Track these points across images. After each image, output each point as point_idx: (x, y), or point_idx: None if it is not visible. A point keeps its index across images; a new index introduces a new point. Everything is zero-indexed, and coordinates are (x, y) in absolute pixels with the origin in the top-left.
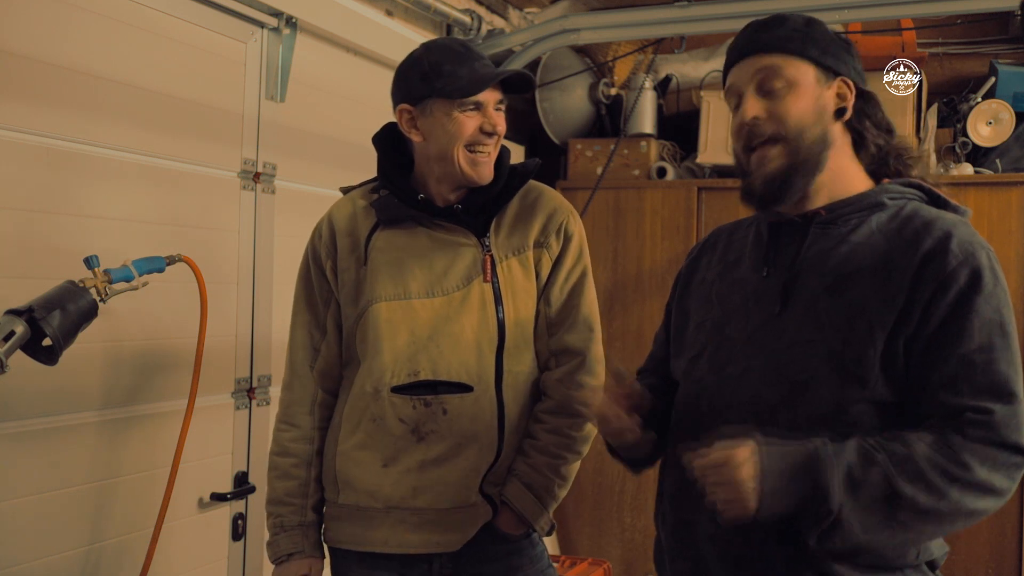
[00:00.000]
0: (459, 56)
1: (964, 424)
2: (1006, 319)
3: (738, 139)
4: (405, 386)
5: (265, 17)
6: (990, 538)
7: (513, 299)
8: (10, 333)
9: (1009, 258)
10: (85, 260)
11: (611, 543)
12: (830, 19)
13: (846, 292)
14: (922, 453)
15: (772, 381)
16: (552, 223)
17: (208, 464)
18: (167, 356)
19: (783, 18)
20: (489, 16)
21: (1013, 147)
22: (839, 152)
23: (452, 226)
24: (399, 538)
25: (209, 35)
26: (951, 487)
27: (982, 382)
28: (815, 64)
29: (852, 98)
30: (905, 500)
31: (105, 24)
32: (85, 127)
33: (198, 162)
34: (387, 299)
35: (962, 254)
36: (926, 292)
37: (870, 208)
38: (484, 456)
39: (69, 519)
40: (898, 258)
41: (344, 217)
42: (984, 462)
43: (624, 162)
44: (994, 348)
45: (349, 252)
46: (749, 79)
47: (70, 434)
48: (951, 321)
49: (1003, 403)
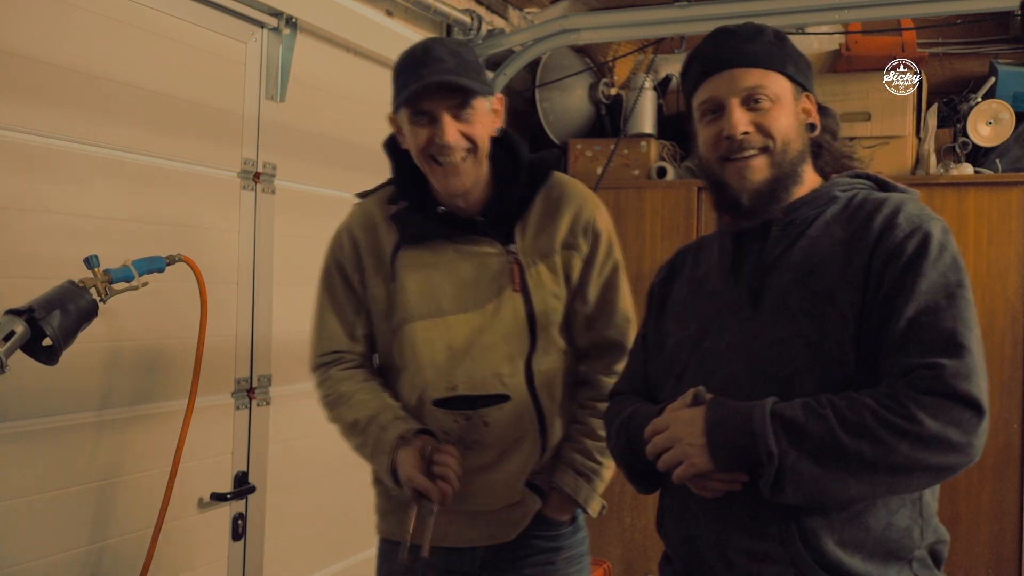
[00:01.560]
0: (413, 63)
1: (914, 379)
2: (952, 282)
3: (716, 150)
4: (445, 400)
5: (265, 17)
6: (990, 538)
7: (544, 304)
8: (10, 333)
9: (1009, 258)
10: (85, 260)
11: (611, 543)
12: (830, 19)
13: (813, 283)
14: (868, 407)
15: (759, 381)
16: (579, 223)
17: (208, 464)
18: (167, 356)
19: (758, 30)
20: (489, 16)
21: (1013, 147)
22: (808, 164)
23: (476, 237)
24: (456, 534)
25: (209, 35)
26: (900, 441)
27: (929, 340)
28: (791, 80)
29: (815, 113)
30: (850, 453)
31: (105, 24)
32: (85, 127)
33: (198, 162)
34: (421, 318)
35: (909, 225)
36: (880, 264)
37: (824, 203)
38: (529, 457)
39: (69, 519)
40: (855, 242)
41: (365, 230)
42: (936, 415)
43: (624, 162)
44: (939, 308)
45: (376, 269)
46: (735, 92)
47: (70, 434)
48: (900, 286)
49: (952, 357)
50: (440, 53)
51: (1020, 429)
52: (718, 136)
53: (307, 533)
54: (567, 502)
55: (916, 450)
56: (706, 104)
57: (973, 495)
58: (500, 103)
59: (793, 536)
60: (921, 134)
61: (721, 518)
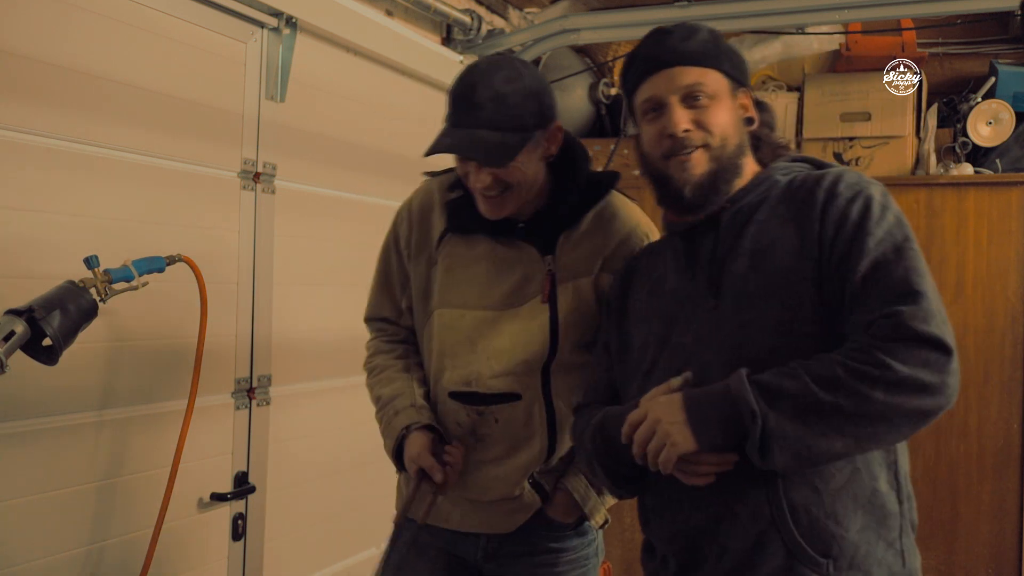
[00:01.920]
0: (456, 100)
1: (875, 329)
2: (898, 237)
3: (659, 147)
4: (460, 394)
5: (265, 17)
6: (990, 538)
7: (568, 320)
8: (10, 333)
9: (1009, 258)
10: (85, 260)
11: (611, 543)
12: (830, 19)
13: (768, 264)
14: (837, 361)
15: (732, 367)
16: (626, 247)
17: (208, 464)
18: (167, 356)
19: (694, 29)
20: (489, 16)
21: (1013, 147)
22: (748, 156)
23: (518, 242)
24: (458, 517)
25: (209, 35)
26: (874, 389)
27: (884, 291)
28: (728, 77)
29: (752, 107)
30: (828, 406)
31: (105, 24)
32: (85, 127)
33: (198, 162)
34: (447, 306)
35: (850, 191)
36: (830, 233)
37: (767, 188)
38: (536, 457)
39: (69, 519)
40: (802, 218)
41: (423, 210)
42: (905, 360)
43: (624, 162)
44: (889, 261)
45: (423, 249)
46: (674, 90)
47: (70, 434)
48: (850, 249)
49: (908, 303)
50: (481, 98)
51: (1020, 429)
52: (660, 134)
53: (307, 533)
54: (572, 507)
55: (891, 395)
56: (648, 103)
57: (973, 495)
58: (557, 131)
59: (785, 516)
60: (921, 134)
61: (710, 507)
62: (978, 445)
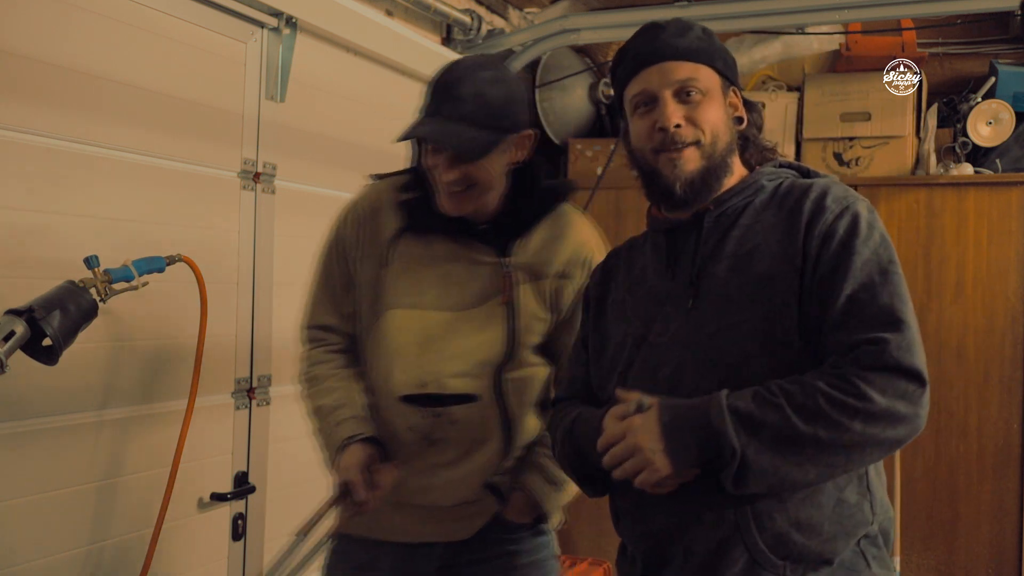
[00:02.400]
0: (436, 90)
1: (859, 355)
2: (883, 259)
3: (650, 141)
4: (413, 396)
5: (265, 17)
6: (990, 538)
7: (525, 322)
8: (10, 333)
9: (1009, 258)
10: (85, 260)
11: (611, 543)
12: (830, 19)
13: (750, 269)
14: (819, 391)
15: (706, 371)
16: (577, 257)
17: (208, 464)
18: (167, 356)
19: (687, 25)
20: (489, 16)
21: (1013, 147)
22: (736, 155)
23: (476, 242)
24: (411, 528)
25: (209, 35)
26: (853, 421)
27: (869, 316)
28: (719, 74)
29: (742, 107)
30: (807, 438)
31: (105, 24)
32: (85, 127)
33: (198, 162)
34: (402, 307)
35: (838, 207)
36: (815, 246)
37: (753, 192)
38: (492, 459)
39: (69, 519)
40: (788, 226)
41: (372, 211)
42: (884, 390)
43: (624, 162)
44: (875, 285)
45: (371, 251)
46: (667, 84)
47: (70, 434)
48: (835, 266)
49: (893, 331)
50: (464, 91)
51: (1020, 429)
52: (651, 128)
53: None
54: (529, 506)
55: (868, 426)
56: (639, 96)
57: (973, 495)
58: (529, 139)
59: (748, 522)
60: (921, 134)
61: (677, 512)
62: (978, 445)
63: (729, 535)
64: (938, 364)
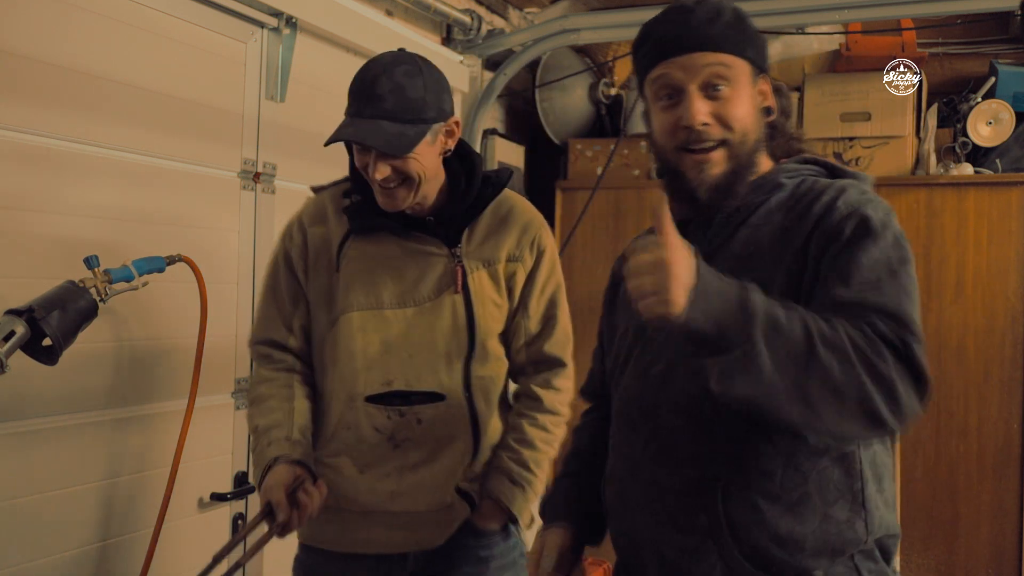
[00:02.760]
0: (356, 93)
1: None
2: (894, 259)
3: (674, 139)
4: (379, 396)
5: (265, 17)
6: (990, 538)
7: (483, 309)
8: (10, 333)
9: (1009, 258)
10: (85, 260)
11: (611, 543)
12: (830, 19)
13: (751, 272)
14: (846, 330)
15: (694, 374)
16: (526, 237)
17: (208, 464)
18: (167, 356)
19: (717, 9)
20: (489, 16)
21: (1013, 147)
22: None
23: (424, 236)
24: (382, 538)
25: (209, 35)
26: (864, 372)
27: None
28: (750, 63)
29: (771, 94)
30: (818, 364)
31: (105, 24)
32: (85, 127)
33: (198, 162)
34: (359, 308)
35: (847, 208)
36: (814, 249)
37: (769, 190)
38: (461, 458)
39: (69, 519)
40: (792, 229)
41: (316, 221)
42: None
43: (624, 162)
44: (882, 282)
45: (321, 260)
46: (693, 77)
47: (70, 434)
48: (841, 262)
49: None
50: (382, 89)
51: (1020, 429)
52: (675, 124)
53: None
54: (499, 511)
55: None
56: (663, 85)
57: (973, 495)
58: (456, 126)
59: (722, 530)
60: (921, 134)
61: (653, 512)
62: (978, 445)
63: (700, 543)
64: (938, 364)
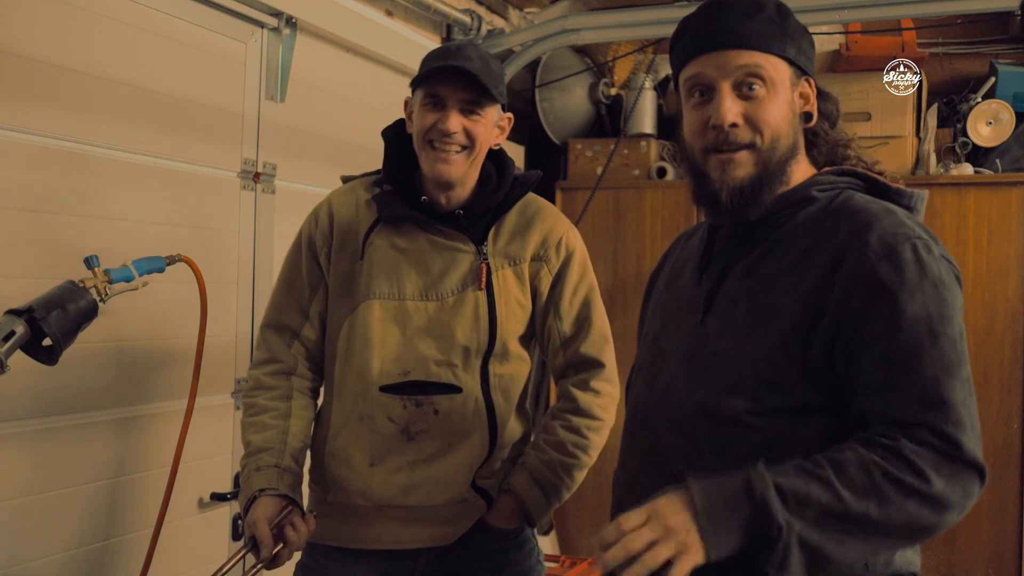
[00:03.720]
0: (442, 52)
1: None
2: (934, 316)
3: (702, 139)
4: (395, 385)
5: (265, 17)
6: (990, 538)
7: (506, 308)
8: (10, 333)
9: (1009, 258)
10: (85, 260)
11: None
12: (830, 19)
13: (763, 295)
14: (876, 464)
15: (691, 391)
16: (551, 238)
17: (208, 464)
18: (167, 356)
19: (759, 4)
20: (489, 16)
21: (1013, 147)
22: (800, 158)
23: (451, 231)
24: (391, 534)
25: (209, 35)
26: (908, 500)
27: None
28: (791, 63)
29: (814, 99)
30: (856, 515)
31: (105, 24)
32: (85, 127)
33: (198, 162)
34: (381, 297)
35: (881, 248)
36: (839, 291)
37: (797, 203)
38: (476, 453)
39: (69, 519)
40: (814, 255)
41: (344, 207)
42: (939, 470)
43: (624, 162)
44: (922, 350)
45: (346, 244)
46: (727, 75)
47: (70, 434)
48: (872, 321)
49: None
50: (470, 52)
51: (1020, 429)
52: (704, 124)
53: None
54: (515, 509)
55: (922, 507)
56: (695, 83)
57: None
58: (508, 122)
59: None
60: (921, 134)
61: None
62: None
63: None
64: None
